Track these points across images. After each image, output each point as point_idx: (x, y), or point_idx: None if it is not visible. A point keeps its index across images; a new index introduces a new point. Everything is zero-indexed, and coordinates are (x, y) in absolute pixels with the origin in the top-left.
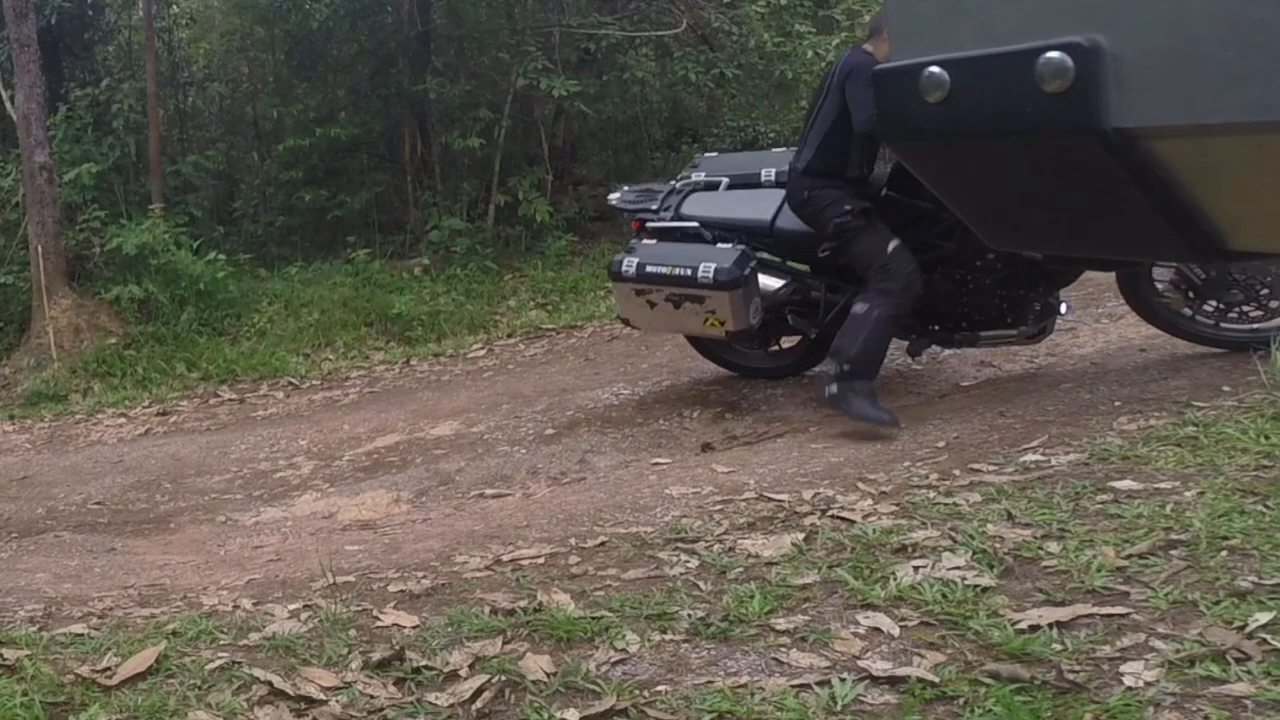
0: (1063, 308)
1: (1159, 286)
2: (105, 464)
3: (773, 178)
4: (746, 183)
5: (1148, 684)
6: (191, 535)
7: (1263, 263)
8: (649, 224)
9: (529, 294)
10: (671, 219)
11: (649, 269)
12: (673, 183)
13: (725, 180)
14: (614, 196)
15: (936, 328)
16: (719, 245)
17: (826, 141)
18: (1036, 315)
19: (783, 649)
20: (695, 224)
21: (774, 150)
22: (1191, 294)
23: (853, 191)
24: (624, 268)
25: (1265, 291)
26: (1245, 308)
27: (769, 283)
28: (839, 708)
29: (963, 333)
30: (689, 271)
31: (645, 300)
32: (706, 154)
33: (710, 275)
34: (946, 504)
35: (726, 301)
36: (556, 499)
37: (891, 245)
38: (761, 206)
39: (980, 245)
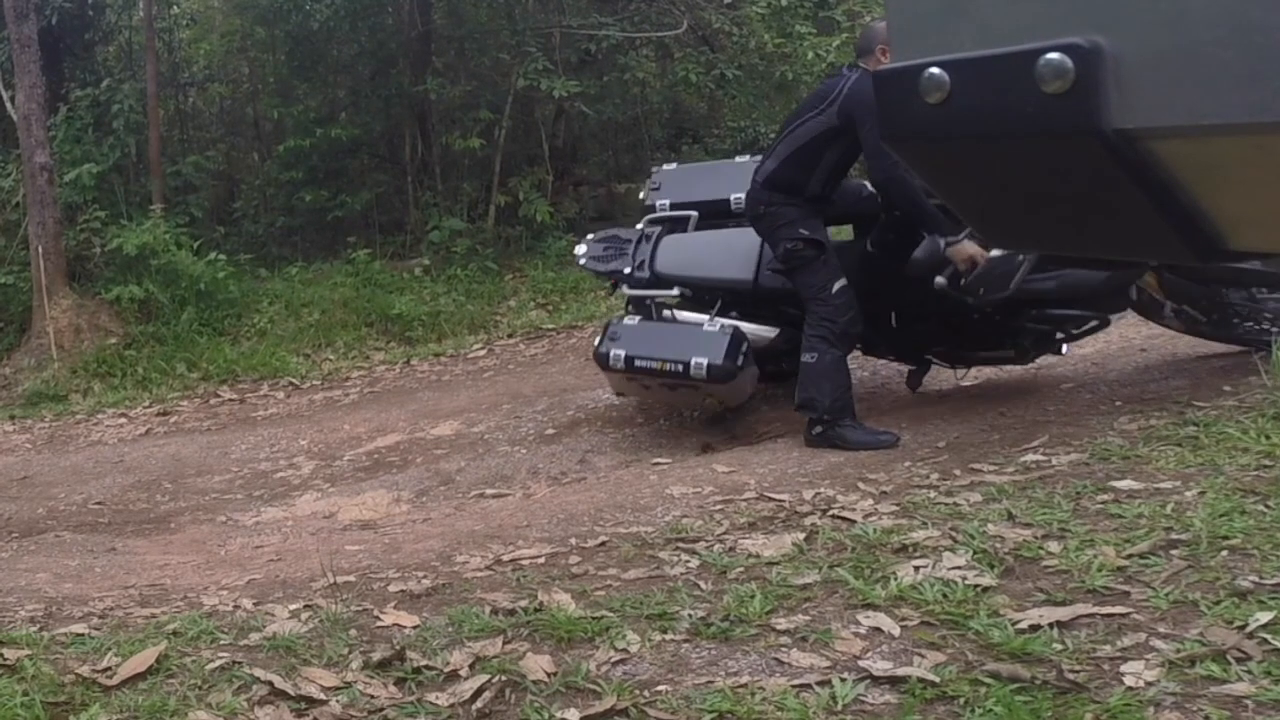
0: (1064, 349)
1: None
2: (106, 464)
3: (744, 205)
4: (716, 211)
5: (1148, 684)
6: (192, 535)
7: (1266, 297)
8: (627, 291)
9: (529, 294)
10: (649, 281)
11: (638, 363)
12: (640, 227)
13: (694, 215)
14: (580, 251)
15: (931, 357)
16: (706, 328)
17: (796, 156)
18: (1034, 344)
19: (783, 649)
20: (675, 292)
21: (736, 161)
22: (1194, 321)
23: (810, 212)
24: (611, 360)
25: (1268, 316)
26: (1248, 325)
27: (761, 333)
28: (839, 708)
29: (959, 353)
30: (680, 367)
31: (639, 384)
32: (665, 166)
33: (704, 371)
34: (947, 504)
35: (723, 390)
36: (557, 499)
37: (836, 285)
38: (742, 260)
39: (972, 306)
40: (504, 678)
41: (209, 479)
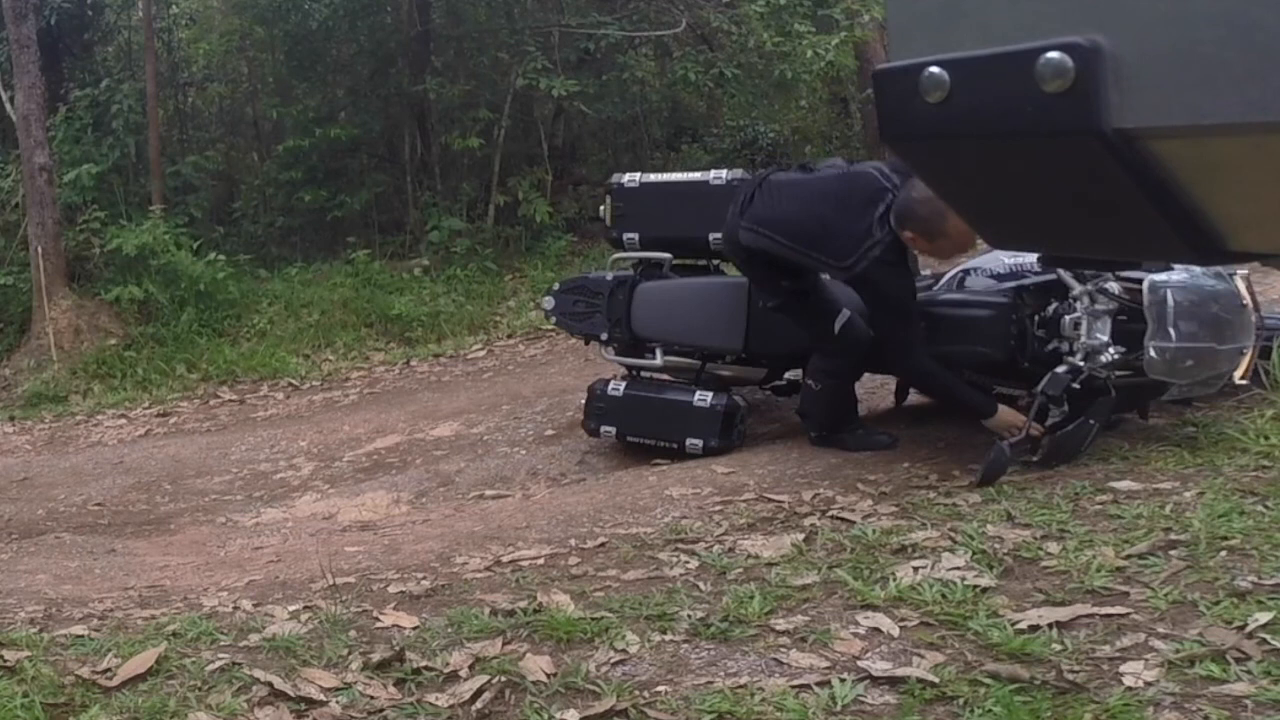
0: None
1: None
2: (105, 465)
3: (722, 240)
4: (692, 249)
5: (1147, 684)
6: (192, 536)
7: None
8: (607, 358)
9: (529, 294)
10: (630, 340)
11: (630, 438)
12: (609, 275)
13: (668, 257)
14: (549, 305)
15: None
16: (697, 402)
17: (781, 262)
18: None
19: (783, 649)
20: (660, 363)
21: (710, 179)
22: None
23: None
24: (602, 435)
25: None
26: None
27: (750, 373)
28: (839, 708)
29: None
30: (675, 445)
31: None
32: (625, 179)
33: (699, 450)
34: (946, 504)
35: (718, 452)
36: (556, 500)
37: (839, 324)
38: (729, 321)
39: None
40: (504, 678)
41: (208, 480)
